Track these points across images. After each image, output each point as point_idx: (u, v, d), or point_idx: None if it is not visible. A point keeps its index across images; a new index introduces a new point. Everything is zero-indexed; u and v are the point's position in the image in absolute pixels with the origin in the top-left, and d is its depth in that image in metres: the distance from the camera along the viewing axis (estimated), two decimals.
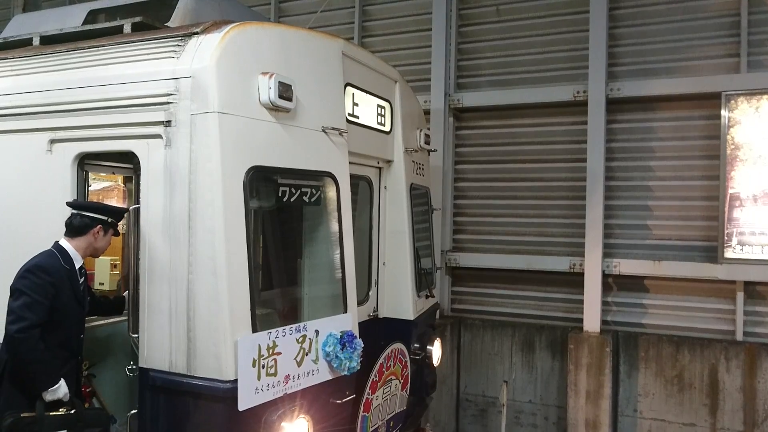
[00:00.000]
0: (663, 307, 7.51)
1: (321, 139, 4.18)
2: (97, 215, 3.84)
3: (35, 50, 4.46)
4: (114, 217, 3.93)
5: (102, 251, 4.03)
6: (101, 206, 4.00)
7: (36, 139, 4.16)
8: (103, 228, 3.86)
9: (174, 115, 3.59)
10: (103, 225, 3.86)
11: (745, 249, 6.90)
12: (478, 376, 8.26)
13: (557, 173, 8.02)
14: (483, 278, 8.40)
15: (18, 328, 3.44)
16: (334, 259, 4.38)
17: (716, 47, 7.28)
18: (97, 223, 3.83)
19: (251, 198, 3.70)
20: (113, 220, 3.91)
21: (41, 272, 3.60)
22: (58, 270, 3.67)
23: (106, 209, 3.95)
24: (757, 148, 6.88)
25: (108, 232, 3.91)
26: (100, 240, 3.88)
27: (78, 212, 3.83)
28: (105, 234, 3.89)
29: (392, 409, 5.19)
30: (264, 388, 3.59)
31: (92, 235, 3.83)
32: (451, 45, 8.45)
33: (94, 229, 3.83)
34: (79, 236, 3.81)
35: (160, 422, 3.66)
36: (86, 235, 3.81)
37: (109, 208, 3.98)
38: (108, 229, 3.89)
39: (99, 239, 3.87)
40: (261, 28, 3.93)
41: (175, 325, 3.58)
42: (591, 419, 7.32)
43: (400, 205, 5.53)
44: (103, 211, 3.89)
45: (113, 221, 3.92)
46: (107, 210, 3.94)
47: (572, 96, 7.69)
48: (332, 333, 4.06)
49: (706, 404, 7.13)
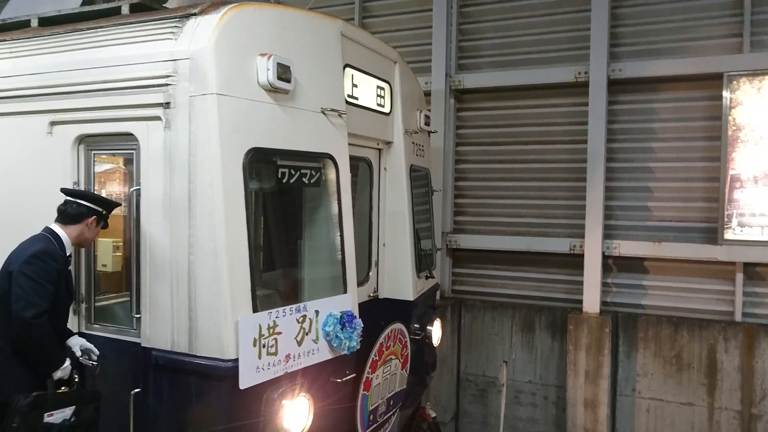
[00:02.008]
0: (662, 288, 7.55)
1: (320, 120, 4.19)
2: (94, 206, 3.83)
3: (34, 32, 4.46)
4: (108, 209, 3.92)
5: (88, 243, 4.03)
6: (97, 197, 3.98)
7: (36, 122, 4.19)
8: (96, 219, 3.85)
9: (173, 97, 3.60)
10: (98, 216, 3.85)
11: (744, 230, 6.91)
12: (479, 356, 8.34)
13: (558, 155, 8.01)
14: (483, 260, 8.43)
15: (34, 314, 3.48)
16: (334, 240, 4.41)
17: (719, 27, 7.21)
18: (93, 214, 3.82)
19: (251, 179, 3.72)
20: (107, 212, 3.90)
21: (49, 258, 3.62)
22: (61, 257, 3.71)
23: (101, 201, 3.93)
24: (758, 129, 6.86)
25: (99, 224, 3.89)
26: (91, 230, 3.87)
27: (74, 200, 3.81)
28: (96, 225, 3.88)
29: (392, 388, 5.25)
30: (265, 367, 3.64)
31: (85, 225, 3.82)
32: (452, 25, 8.39)
33: (89, 219, 3.82)
34: (73, 224, 3.80)
35: (162, 401, 3.72)
36: (80, 223, 3.81)
37: (104, 200, 3.96)
38: (100, 221, 3.88)
39: (91, 230, 3.86)
40: (259, 9, 3.92)
41: (176, 305, 3.63)
42: (590, 399, 7.39)
43: (399, 187, 5.55)
44: (98, 202, 3.88)
45: (107, 214, 3.91)
46: (102, 201, 3.92)
47: (574, 77, 7.65)
48: (332, 313, 4.10)
49: (704, 384, 7.20)
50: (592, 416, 7.38)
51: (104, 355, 4.04)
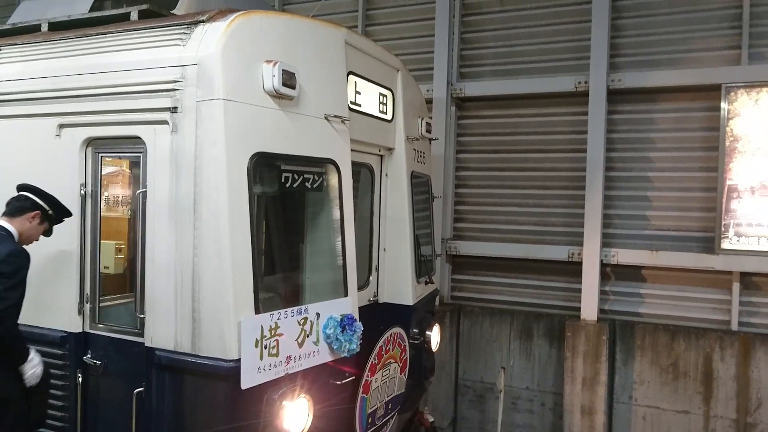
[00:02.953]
0: (660, 296, 7.60)
1: (323, 126, 4.26)
2: (39, 200, 3.86)
3: (44, 36, 4.54)
4: (55, 211, 3.92)
5: (30, 241, 3.97)
6: (44, 193, 3.96)
7: (45, 124, 4.26)
8: (40, 216, 3.87)
9: (180, 102, 3.68)
10: (42, 213, 3.87)
11: (741, 240, 6.97)
12: (477, 362, 8.38)
13: (558, 163, 8.08)
14: (483, 266, 8.49)
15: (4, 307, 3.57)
16: (336, 245, 4.47)
17: (718, 39, 7.31)
18: (37, 209, 3.85)
19: (255, 183, 3.78)
20: (53, 213, 3.91)
21: (24, 258, 3.73)
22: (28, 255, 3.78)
23: (47, 197, 3.94)
24: (755, 140, 6.94)
25: (43, 223, 3.90)
26: (33, 227, 3.88)
27: (21, 193, 3.86)
28: (40, 223, 3.89)
29: (391, 392, 5.31)
30: (266, 367, 3.70)
31: (27, 220, 3.85)
32: (454, 34, 8.49)
33: (31, 214, 3.85)
34: (15, 217, 3.83)
35: (164, 400, 3.78)
36: (21, 217, 3.84)
37: (54, 201, 3.96)
38: (44, 220, 3.89)
39: (33, 226, 3.87)
40: (265, 16, 4.00)
41: (180, 305, 3.69)
42: (587, 406, 7.44)
43: (400, 193, 5.62)
44: (43, 198, 3.90)
45: (52, 215, 3.91)
46: (51, 201, 3.94)
47: (574, 86, 7.74)
48: (333, 316, 4.16)
49: (700, 392, 7.24)
50: (589, 423, 7.43)
51: (108, 354, 4.11)
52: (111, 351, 4.11)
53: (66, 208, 4.04)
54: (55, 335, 4.21)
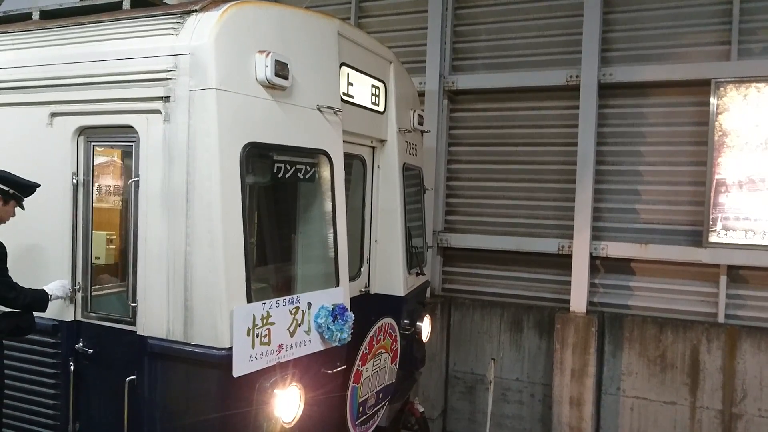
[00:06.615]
0: (648, 289, 7.69)
1: (316, 117, 4.28)
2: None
3: (35, 24, 4.52)
4: (14, 188, 3.91)
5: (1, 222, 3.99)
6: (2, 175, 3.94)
7: (37, 113, 4.25)
8: (2, 198, 3.87)
9: (173, 91, 3.69)
10: (1, 194, 3.87)
11: (729, 234, 7.05)
12: (467, 353, 8.45)
13: (549, 156, 8.13)
14: (474, 259, 8.55)
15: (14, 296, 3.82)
16: (328, 235, 4.50)
17: (708, 35, 7.37)
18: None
19: (247, 173, 3.80)
20: (14, 191, 3.90)
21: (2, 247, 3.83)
22: None
23: (6, 179, 3.91)
24: (743, 135, 7.01)
25: (8, 203, 3.91)
26: None
27: None
28: (4, 204, 3.90)
29: (381, 382, 5.35)
30: (258, 356, 3.73)
31: None
32: (446, 27, 8.50)
33: None
34: None
35: (156, 388, 3.80)
36: None
37: (10, 178, 3.93)
38: (9, 199, 3.89)
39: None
40: (258, 7, 4.00)
41: (172, 294, 3.71)
42: (575, 397, 7.52)
43: (392, 184, 5.65)
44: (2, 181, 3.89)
45: (14, 192, 3.90)
46: (8, 180, 3.91)
47: (565, 80, 7.78)
48: (324, 305, 4.20)
49: (686, 383, 7.34)
50: (577, 414, 7.52)
51: (100, 343, 4.12)
52: (103, 339, 4.13)
53: (28, 182, 3.98)
54: (47, 324, 4.21)
